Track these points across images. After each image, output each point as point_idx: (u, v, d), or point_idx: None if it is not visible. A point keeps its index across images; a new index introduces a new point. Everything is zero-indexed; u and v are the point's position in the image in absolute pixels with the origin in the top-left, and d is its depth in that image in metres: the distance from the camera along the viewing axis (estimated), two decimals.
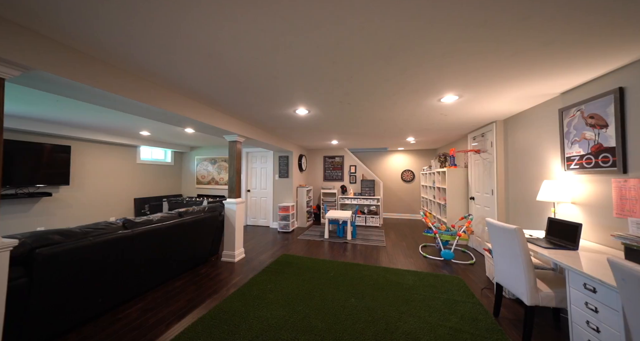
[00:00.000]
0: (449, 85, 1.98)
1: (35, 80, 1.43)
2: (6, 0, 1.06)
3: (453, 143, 4.97)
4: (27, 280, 1.46)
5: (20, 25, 1.23)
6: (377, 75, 1.78)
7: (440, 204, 4.52)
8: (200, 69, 1.70)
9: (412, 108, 2.62)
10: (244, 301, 2.14)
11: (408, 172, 6.24)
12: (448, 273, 2.81)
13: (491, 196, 3.20)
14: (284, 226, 4.78)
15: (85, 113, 3.03)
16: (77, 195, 4.21)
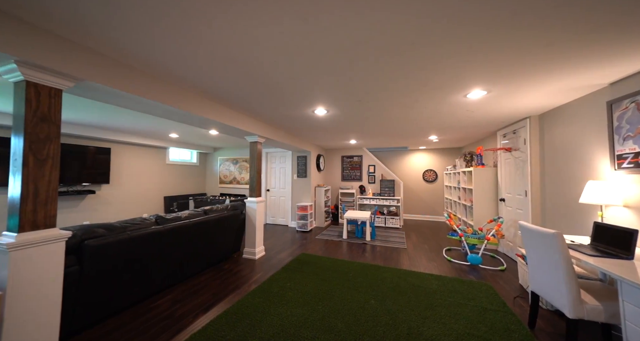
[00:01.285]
0: (476, 80, 1.87)
1: (84, 89, 1.59)
2: (64, 20, 1.19)
3: (480, 141, 4.68)
4: (78, 268, 1.63)
5: (73, 41, 1.38)
6: (397, 72, 1.73)
7: (466, 206, 4.27)
8: (223, 73, 1.77)
9: (435, 106, 2.51)
10: (264, 298, 2.20)
11: (430, 172, 5.99)
12: (475, 279, 2.65)
13: (524, 198, 2.96)
14: (302, 225, 4.83)
15: (123, 118, 3.32)
16: (116, 192, 4.62)
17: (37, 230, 1.28)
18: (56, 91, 1.36)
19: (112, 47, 1.44)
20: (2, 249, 1.17)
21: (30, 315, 1.25)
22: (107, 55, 1.54)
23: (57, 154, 1.36)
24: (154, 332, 1.75)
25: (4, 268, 1.18)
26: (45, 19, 1.20)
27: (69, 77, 1.38)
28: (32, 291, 1.25)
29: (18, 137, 1.26)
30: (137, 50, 1.47)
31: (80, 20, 1.20)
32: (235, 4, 1.08)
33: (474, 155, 4.34)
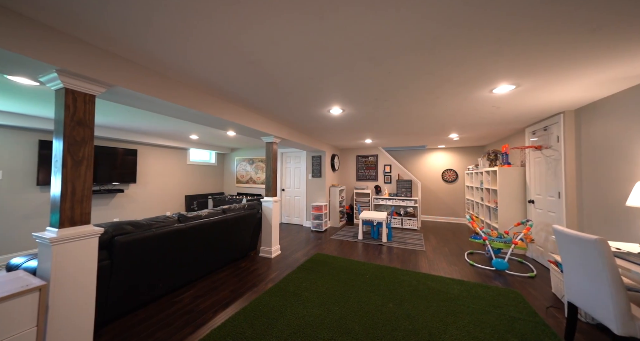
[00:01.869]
0: (504, 74, 1.75)
1: (114, 94, 1.70)
2: (97, 30, 1.27)
3: (505, 139, 4.40)
4: (109, 262, 1.75)
5: (104, 49, 1.47)
6: (418, 69, 1.66)
7: (490, 207, 4.04)
8: (241, 75, 1.81)
9: (458, 102, 2.39)
10: (281, 297, 2.22)
11: (450, 172, 5.73)
12: (502, 285, 2.49)
13: (557, 199, 2.73)
14: (317, 225, 4.83)
15: (148, 121, 3.51)
16: (142, 191, 4.90)
17: (74, 226, 1.38)
18: (90, 97, 1.46)
19: (141, 54, 1.52)
20: (46, 243, 1.28)
21: (69, 303, 1.35)
22: (135, 62, 1.63)
23: (91, 155, 1.46)
24: (177, 325, 1.83)
25: (47, 260, 1.29)
26: (80, 29, 1.29)
27: (102, 84, 1.48)
28: (70, 282, 1.36)
29: (58, 140, 1.36)
30: (162, 55, 1.53)
31: (112, 31, 1.28)
32: (255, 6, 1.09)
33: (498, 154, 4.09)
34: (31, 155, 3.34)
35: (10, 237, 3.13)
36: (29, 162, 3.32)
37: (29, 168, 3.32)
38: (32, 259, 1.65)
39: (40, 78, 1.39)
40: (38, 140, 3.39)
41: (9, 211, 3.13)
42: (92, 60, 1.42)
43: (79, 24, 1.23)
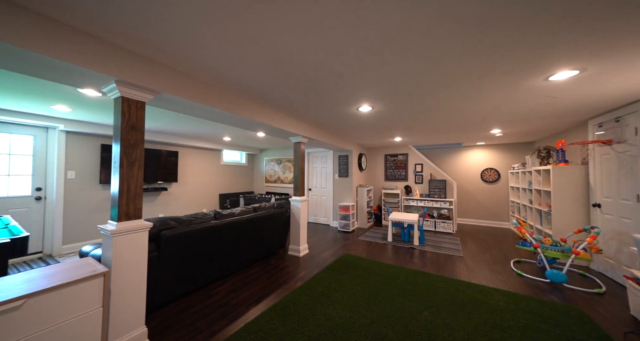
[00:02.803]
0: (565, 58, 1.51)
1: (160, 101, 1.86)
2: (147, 42, 1.40)
3: (560, 133, 3.85)
4: (157, 254, 1.92)
5: (153, 59, 1.61)
6: (458, 58, 1.52)
7: (542, 211, 3.57)
8: (272, 75, 1.84)
9: (504, 94, 2.14)
10: (310, 296, 2.22)
11: (491, 171, 5.22)
12: (559, 300, 2.17)
13: (634, 203, 2.30)
14: (344, 225, 4.77)
15: (187, 125, 3.81)
16: (182, 190, 5.35)
17: (129, 221, 1.54)
18: (141, 104, 1.62)
19: (183, 63, 1.64)
20: (108, 234, 1.45)
21: (126, 289, 1.51)
22: (178, 70, 1.76)
23: (142, 157, 1.62)
24: (214, 316, 1.94)
25: (109, 249, 1.46)
26: (133, 42, 1.42)
27: (150, 91, 1.62)
28: (127, 269, 1.51)
29: (116, 144, 1.53)
30: (202, 62, 1.63)
31: (160, 42, 1.39)
32: (288, 3, 1.09)
33: (551, 151, 3.59)
34: (95, 157, 3.86)
35: (80, 228, 3.66)
36: (93, 164, 3.84)
37: (93, 169, 3.83)
38: (98, 248, 1.89)
39: (103, 88, 1.58)
40: (100, 144, 3.89)
41: (79, 206, 3.66)
42: (143, 70, 1.57)
43: (132, 38, 1.37)
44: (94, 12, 1.15)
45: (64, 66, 1.30)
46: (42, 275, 1.28)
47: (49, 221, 3.38)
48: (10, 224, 2.13)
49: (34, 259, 3.16)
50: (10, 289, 1.13)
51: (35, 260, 3.11)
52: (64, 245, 3.47)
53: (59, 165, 3.42)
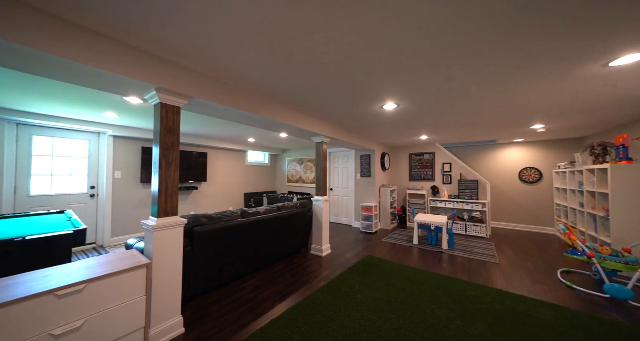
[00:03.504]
0: (630, 40, 1.30)
1: (193, 105, 1.98)
2: (181, 51, 1.50)
3: (619, 127, 3.37)
4: (190, 249, 2.05)
5: (187, 67, 1.73)
6: (497, 47, 1.39)
7: (597, 216, 3.15)
8: (296, 77, 1.86)
9: (551, 84, 1.92)
10: (334, 296, 2.21)
11: (531, 171, 4.74)
12: (624, 319, 1.89)
13: None
14: (366, 226, 4.68)
15: (215, 127, 4.03)
16: (210, 189, 5.68)
17: (167, 217, 1.66)
18: (177, 108, 1.74)
19: (214, 69, 1.73)
20: (150, 229, 1.58)
21: (165, 279, 1.64)
22: (209, 76, 1.86)
23: (177, 158, 1.74)
24: (241, 311, 2.02)
25: (150, 242, 1.59)
26: (169, 52, 1.54)
27: (185, 96, 1.74)
28: (165, 262, 1.64)
29: (156, 146, 1.66)
30: (230, 67, 1.71)
31: (193, 50, 1.49)
32: (315, 4, 1.09)
33: (609, 147, 3.15)
34: (136, 158, 4.25)
35: (125, 222, 4.06)
36: (135, 164, 4.23)
37: (135, 169, 4.23)
38: (140, 241, 2.08)
39: (145, 96, 1.73)
40: (141, 147, 4.28)
41: (124, 202, 4.06)
42: (178, 77, 1.68)
43: (169, 48, 1.48)
44: (143, 28, 1.26)
45: (116, 78, 1.44)
46: (97, 263, 1.44)
47: (100, 215, 3.80)
48: (72, 218, 2.44)
49: (89, 249, 3.58)
50: (74, 274, 1.29)
51: (90, 250, 3.53)
52: (112, 237, 3.88)
53: (107, 166, 3.83)
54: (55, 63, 1.26)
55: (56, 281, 1.21)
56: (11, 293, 1.09)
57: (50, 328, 1.13)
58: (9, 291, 1.11)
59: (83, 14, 1.18)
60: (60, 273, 1.30)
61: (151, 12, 1.15)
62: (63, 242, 1.82)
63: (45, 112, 2.94)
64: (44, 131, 3.32)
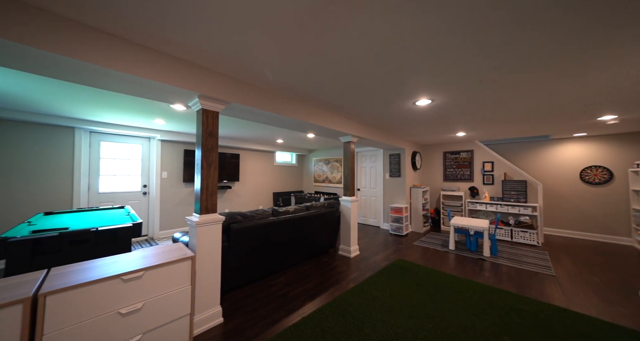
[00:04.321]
0: None
1: (229, 110, 2.12)
2: (221, 60, 1.61)
3: None
4: (227, 244, 2.19)
5: (224, 74, 1.85)
6: (555, 28, 1.22)
7: None
8: (325, 77, 1.87)
9: (629, 66, 1.62)
10: (364, 299, 2.16)
11: (597, 170, 4.07)
12: None
13: None
14: (396, 228, 4.50)
15: (246, 130, 4.25)
16: (242, 188, 6.01)
17: (208, 214, 1.80)
18: (216, 113, 1.88)
19: (250, 74, 1.83)
20: (193, 225, 1.73)
21: (207, 271, 1.77)
22: (243, 81, 1.97)
23: (216, 159, 1.87)
24: (273, 306, 2.09)
25: (194, 237, 1.74)
26: (211, 62, 1.66)
27: (223, 102, 1.87)
28: (207, 256, 1.78)
29: (198, 149, 1.81)
30: (261, 71, 1.78)
31: (229, 58, 1.58)
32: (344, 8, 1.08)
33: None
34: (179, 160, 4.70)
35: (170, 217, 4.52)
36: (178, 166, 4.68)
37: (178, 170, 4.68)
38: (185, 235, 2.28)
39: (189, 103, 1.89)
40: (183, 150, 4.72)
41: (170, 199, 4.52)
42: (217, 84, 1.81)
43: (209, 57, 1.59)
44: (189, 41, 1.39)
45: (167, 88, 1.60)
46: (151, 253, 1.62)
47: (151, 211, 4.28)
48: (130, 213, 2.79)
49: (143, 240, 4.05)
50: (134, 262, 1.47)
51: (143, 241, 4.00)
52: (160, 231, 4.34)
53: (156, 167, 4.30)
54: (121, 78, 1.45)
55: (122, 267, 1.39)
56: (90, 275, 1.28)
57: (118, 308, 1.30)
58: (88, 273, 1.31)
59: (140, 34, 1.33)
60: (125, 260, 1.49)
61: (199, 25, 1.26)
62: (125, 233, 2.09)
63: (109, 121, 3.42)
64: (109, 137, 3.85)
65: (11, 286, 1.16)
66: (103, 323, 1.26)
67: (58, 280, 1.23)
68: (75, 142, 3.48)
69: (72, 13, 1.17)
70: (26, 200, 3.09)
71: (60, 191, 3.35)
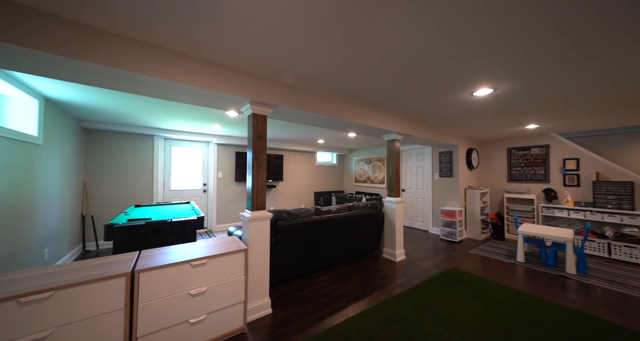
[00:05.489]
0: None
1: (276, 113, 2.24)
2: (270, 67, 1.71)
3: None
4: (274, 240, 2.32)
5: (272, 80, 1.96)
6: None
7: None
8: (370, 73, 1.80)
9: None
10: (413, 308, 2.01)
11: None
12: None
13: None
14: (448, 234, 4.07)
15: (290, 131, 4.44)
16: (285, 187, 6.30)
17: (258, 211, 1.93)
18: (264, 117, 2.00)
19: (298, 78, 1.90)
20: (246, 220, 1.88)
21: (257, 264, 1.91)
22: (289, 85, 2.05)
23: (265, 160, 1.99)
24: (318, 303, 2.12)
25: (247, 232, 1.89)
26: (263, 70, 1.77)
27: (271, 106, 1.98)
28: (257, 249, 1.91)
29: (249, 151, 1.96)
30: (307, 74, 1.83)
31: (277, 64, 1.67)
32: None
33: None
34: (232, 161, 5.20)
35: (225, 213, 5.04)
36: (231, 166, 5.19)
37: (231, 170, 5.18)
38: (238, 229, 2.51)
39: (242, 109, 2.07)
40: (235, 152, 5.21)
41: (224, 197, 5.05)
42: (266, 89, 1.93)
43: (258, 64, 1.71)
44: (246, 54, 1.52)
45: (225, 96, 1.79)
46: (212, 244, 1.83)
47: (209, 207, 4.86)
48: (194, 208, 3.22)
49: (203, 232, 4.63)
50: (199, 250, 1.68)
51: (204, 233, 4.56)
52: (217, 225, 4.89)
53: (213, 168, 4.86)
54: (187, 90, 1.68)
55: (190, 254, 1.61)
56: (168, 259, 1.52)
57: (188, 289, 1.51)
58: (166, 257, 1.55)
59: (207, 51, 1.51)
60: (192, 248, 1.72)
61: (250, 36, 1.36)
62: (191, 225, 2.41)
63: (178, 128, 4.01)
64: (178, 142, 4.52)
65: (118, 262, 1.45)
66: (178, 300, 1.47)
67: (147, 260, 1.49)
68: (154, 147, 4.19)
69: (163, 42, 1.40)
70: (121, 194, 3.86)
71: (144, 188, 4.08)
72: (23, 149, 2.10)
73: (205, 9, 1.14)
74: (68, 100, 2.52)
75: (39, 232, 2.37)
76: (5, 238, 1.90)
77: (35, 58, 1.24)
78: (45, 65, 1.31)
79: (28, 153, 2.17)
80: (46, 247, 2.50)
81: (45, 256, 2.48)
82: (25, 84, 2.07)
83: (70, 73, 1.40)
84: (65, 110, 2.87)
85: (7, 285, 1.16)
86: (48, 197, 2.52)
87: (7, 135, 1.88)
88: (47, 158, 2.49)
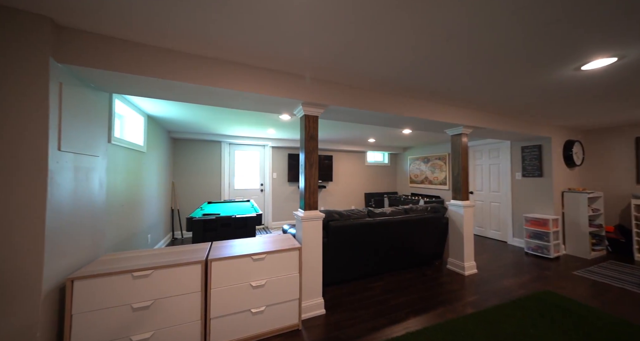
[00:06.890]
0: None
1: (327, 112, 2.22)
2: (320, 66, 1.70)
3: None
4: (326, 241, 2.31)
5: (322, 80, 1.95)
6: None
7: None
8: (432, 59, 1.58)
9: None
10: (491, 333, 1.66)
11: None
12: None
13: None
14: (537, 247, 3.29)
15: (339, 131, 4.40)
16: (335, 188, 6.30)
17: (310, 210, 1.95)
18: (316, 118, 2.01)
19: (345, 76, 1.84)
20: (299, 219, 1.92)
21: (311, 262, 1.92)
22: (340, 83, 2.01)
23: (317, 161, 2.00)
24: (373, 311, 1.99)
25: (300, 230, 1.93)
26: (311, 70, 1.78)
27: (322, 106, 1.98)
28: (311, 248, 1.93)
29: (302, 151, 2.00)
30: (359, 70, 1.74)
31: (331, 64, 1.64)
32: None
33: None
34: (284, 163, 5.51)
35: (279, 211, 5.39)
36: (284, 167, 5.49)
37: (284, 171, 5.49)
38: (292, 227, 2.60)
39: (294, 111, 2.14)
40: (287, 154, 5.52)
41: (278, 196, 5.40)
42: (317, 90, 1.93)
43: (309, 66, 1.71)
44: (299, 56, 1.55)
45: (279, 100, 1.87)
46: (269, 240, 1.94)
47: (266, 205, 5.27)
48: (254, 205, 3.54)
49: (261, 229, 5.05)
50: (258, 246, 1.80)
51: (261, 229, 4.97)
52: (272, 222, 5.26)
53: (269, 169, 5.25)
54: (249, 98, 1.83)
55: (251, 248, 1.74)
56: (233, 251, 1.68)
57: (250, 280, 1.63)
58: (232, 249, 1.72)
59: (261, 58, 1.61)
60: (252, 243, 1.86)
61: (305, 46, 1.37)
62: (252, 221, 2.64)
63: (239, 134, 4.50)
64: (239, 147, 5.08)
65: (196, 251, 1.69)
66: (241, 290, 1.60)
67: (217, 251, 1.68)
68: (221, 151, 4.82)
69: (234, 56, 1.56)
70: (198, 192, 4.58)
71: (214, 187, 4.73)
72: (135, 156, 2.70)
73: (268, 27, 1.20)
74: (162, 116, 3.12)
75: (145, 221, 3.01)
76: (124, 225, 2.47)
77: (145, 83, 1.55)
78: (150, 88, 1.63)
79: (138, 159, 2.78)
80: (149, 233, 3.15)
81: (149, 241, 3.13)
82: (135, 104, 2.66)
83: (166, 92, 1.72)
84: (159, 124, 3.58)
85: (124, 262, 1.48)
86: (150, 194, 3.18)
87: (127, 146, 2.44)
88: (149, 163, 3.15)
